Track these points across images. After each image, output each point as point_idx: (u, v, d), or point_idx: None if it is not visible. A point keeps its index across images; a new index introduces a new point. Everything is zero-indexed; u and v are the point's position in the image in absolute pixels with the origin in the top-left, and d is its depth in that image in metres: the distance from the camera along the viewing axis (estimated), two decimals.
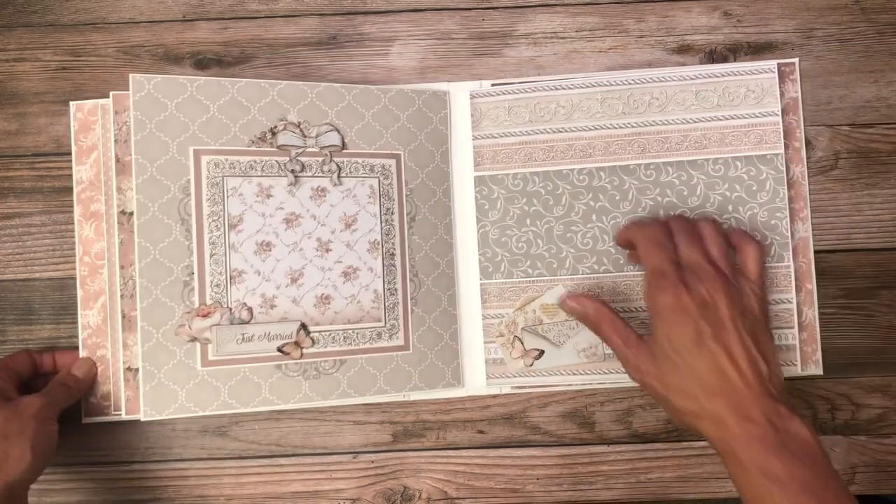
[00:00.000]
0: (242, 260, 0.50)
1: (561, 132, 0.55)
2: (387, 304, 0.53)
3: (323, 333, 0.51)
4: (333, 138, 0.52)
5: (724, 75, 0.54)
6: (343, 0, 0.56)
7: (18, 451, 0.43)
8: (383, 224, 0.53)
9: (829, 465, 0.39)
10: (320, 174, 0.52)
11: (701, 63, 0.55)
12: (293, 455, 0.54)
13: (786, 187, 0.53)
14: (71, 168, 0.53)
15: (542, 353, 0.54)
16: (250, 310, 0.50)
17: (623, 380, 0.54)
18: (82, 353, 0.52)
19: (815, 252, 0.54)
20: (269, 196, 0.51)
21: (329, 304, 0.52)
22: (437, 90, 0.55)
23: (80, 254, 0.53)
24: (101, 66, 0.55)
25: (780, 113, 0.54)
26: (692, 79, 0.54)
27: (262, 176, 0.51)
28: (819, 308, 0.54)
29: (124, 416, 0.51)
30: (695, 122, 0.54)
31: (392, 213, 0.53)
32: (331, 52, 0.56)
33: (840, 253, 0.54)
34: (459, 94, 0.55)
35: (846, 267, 0.54)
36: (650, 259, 0.45)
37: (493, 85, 0.55)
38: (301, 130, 0.52)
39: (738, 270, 0.46)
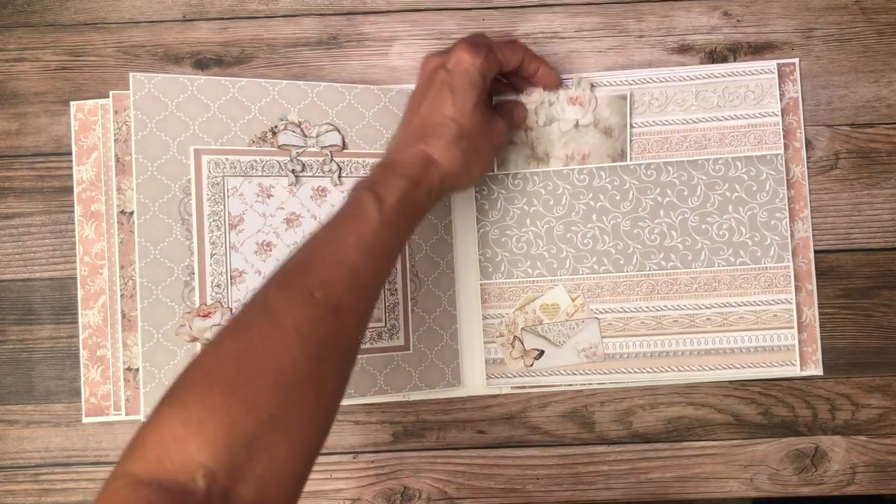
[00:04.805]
0: (243, 260, 0.50)
1: None
2: (387, 304, 0.53)
3: None
4: (334, 138, 0.52)
5: (723, 75, 0.54)
6: (343, 0, 0.56)
7: (479, 169, 0.48)
8: None
9: None
10: (321, 174, 0.52)
11: (701, 63, 0.55)
12: None
13: (785, 187, 0.53)
14: (71, 168, 0.53)
15: (541, 353, 0.54)
16: None
17: (623, 380, 0.54)
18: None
19: (815, 252, 0.54)
20: (269, 196, 0.51)
21: None
22: None
23: (80, 254, 0.53)
24: (101, 66, 0.55)
25: (779, 113, 0.54)
26: (692, 79, 0.54)
27: (262, 176, 0.51)
28: (819, 308, 0.54)
29: (124, 416, 0.51)
30: (695, 122, 0.54)
31: None
32: (331, 52, 0.56)
33: (840, 253, 0.54)
34: None
35: (846, 267, 0.54)
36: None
37: None
38: (302, 130, 0.52)
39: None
